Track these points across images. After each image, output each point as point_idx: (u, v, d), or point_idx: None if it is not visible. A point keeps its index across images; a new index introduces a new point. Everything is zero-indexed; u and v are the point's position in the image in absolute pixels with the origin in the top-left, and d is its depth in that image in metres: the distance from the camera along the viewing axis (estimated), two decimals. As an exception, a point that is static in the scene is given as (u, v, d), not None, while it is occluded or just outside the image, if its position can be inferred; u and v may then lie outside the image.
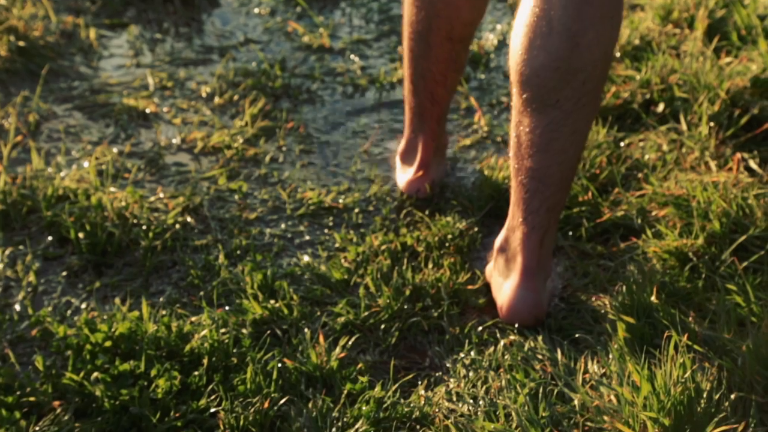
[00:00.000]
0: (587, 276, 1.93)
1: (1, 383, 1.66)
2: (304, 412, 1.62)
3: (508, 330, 1.80)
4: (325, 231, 2.09)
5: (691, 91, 2.34)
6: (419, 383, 1.71)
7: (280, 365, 1.70)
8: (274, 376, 1.67)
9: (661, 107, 2.36)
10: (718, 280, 1.82)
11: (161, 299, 1.90)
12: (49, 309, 1.87)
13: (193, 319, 1.81)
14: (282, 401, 1.65)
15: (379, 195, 2.18)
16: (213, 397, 1.65)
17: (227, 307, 1.86)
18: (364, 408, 1.63)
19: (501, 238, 1.86)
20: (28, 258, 1.99)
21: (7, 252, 2.01)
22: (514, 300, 1.81)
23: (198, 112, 2.49)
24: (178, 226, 2.07)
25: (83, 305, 1.89)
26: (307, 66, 2.70)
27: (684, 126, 2.27)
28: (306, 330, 1.79)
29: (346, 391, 1.67)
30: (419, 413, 1.62)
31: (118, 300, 1.88)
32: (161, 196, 2.16)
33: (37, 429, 1.60)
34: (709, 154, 2.18)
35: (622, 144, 2.27)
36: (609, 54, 1.72)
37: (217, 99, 2.53)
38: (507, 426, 1.56)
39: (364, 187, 2.22)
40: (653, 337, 1.68)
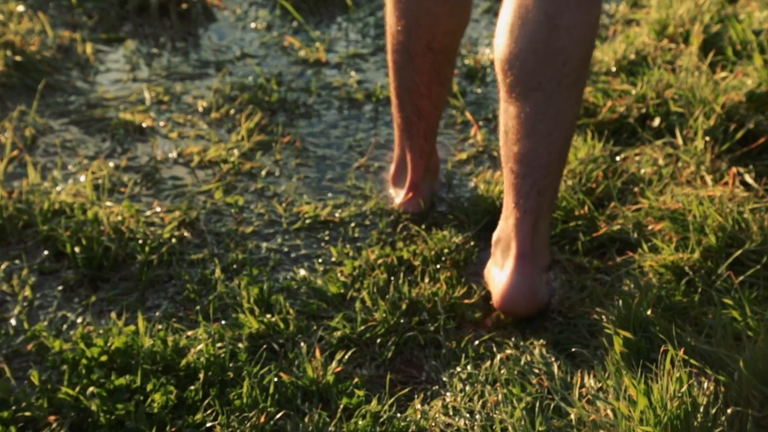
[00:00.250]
0: (584, 290, 1.93)
1: (-3, 398, 1.66)
2: (301, 427, 1.62)
3: (504, 344, 1.80)
4: (322, 245, 2.09)
5: (687, 105, 2.34)
6: (416, 397, 1.70)
7: (276, 379, 1.70)
8: (271, 391, 1.67)
9: (656, 121, 2.37)
10: (715, 294, 1.82)
11: (157, 313, 1.90)
12: (45, 323, 1.87)
13: (190, 333, 1.81)
14: (278, 416, 1.64)
15: (375, 209, 2.18)
16: (209, 411, 1.65)
17: (223, 322, 1.86)
18: (360, 422, 1.62)
19: (497, 231, 1.89)
20: (24, 272, 1.99)
21: (3, 266, 2.01)
22: (509, 286, 1.82)
23: (194, 127, 2.49)
24: (174, 240, 2.07)
25: (79, 319, 1.89)
26: (303, 80, 2.70)
27: (680, 140, 2.28)
28: (302, 344, 1.79)
29: (342, 406, 1.67)
30: (415, 427, 1.62)
31: (114, 314, 1.88)
32: (157, 210, 2.16)
33: (32, 444, 1.60)
34: (704, 168, 2.18)
35: (618, 158, 2.27)
36: (589, 36, 1.74)
37: (213, 113, 2.53)
38: (504, 440, 1.56)
39: (360, 201, 2.22)
40: (650, 351, 1.68)
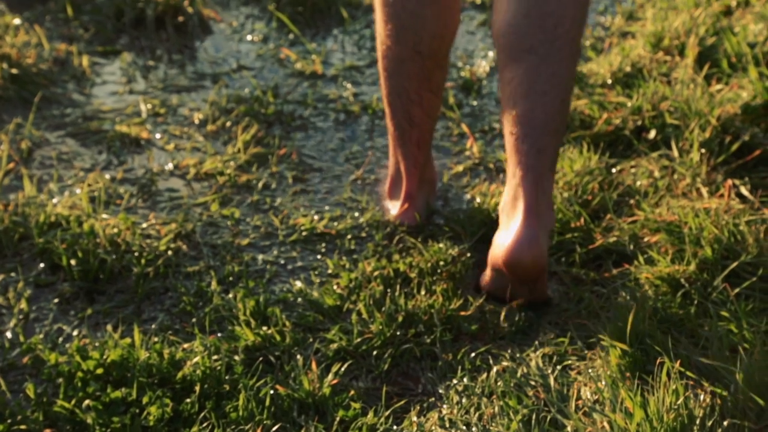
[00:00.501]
0: (580, 302, 1.93)
1: (-8, 411, 1.66)
2: (297, 440, 1.62)
3: (501, 356, 1.80)
4: (318, 257, 2.09)
5: (682, 117, 2.35)
6: (412, 409, 1.70)
7: (272, 392, 1.69)
8: (267, 403, 1.67)
9: (652, 134, 2.37)
10: (711, 306, 1.82)
11: (153, 326, 1.90)
12: (41, 336, 1.87)
13: (186, 345, 1.81)
14: (274, 428, 1.64)
15: (371, 221, 2.18)
16: (205, 424, 1.65)
17: (219, 334, 1.86)
18: (356, 435, 1.62)
19: (502, 199, 1.91)
20: (19, 285, 1.99)
21: (-2, 279, 2.01)
22: (516, 239, 1.82)
23: (190, 139, 2.50)
24: (170, 252, 2.07)
25: (75, 332, 1.89)
26: (299, 93, 2.71)
27: (675, 152, 2.28)
28: (298, 356, 1.78)
29: (338, 418, 1.66)
30: (412, 440, 1.62)
31: (110, 327, 1.88)
32: (153, 222, 2.16)
33: (27, 457, 1.59)
34: (700, 180, 2.19)
35: (614, 170, 2.27)
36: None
37: (209, 125, 2.53)
38: (500, 453, 1.56)
39: (356, 213, 2.22)
40: (646, 364, 1.68)
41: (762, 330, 1.73)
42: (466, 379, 1.74)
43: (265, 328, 1.85)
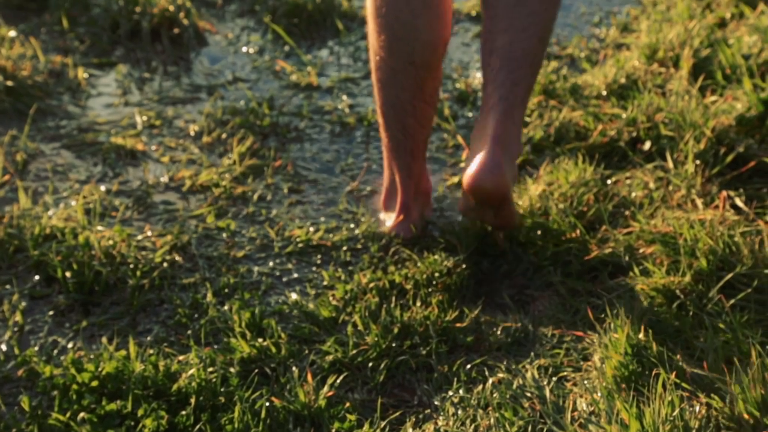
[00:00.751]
0: (576, 313, 1.93)
1: (-13, 423, 1.65)
2: (292, 452, 1.61)
3: (496, 368, 1.80)
4: (313, 269, 2.09)
5: (677, 129, 2.35)
6: (407, 421, 1.70)
7: (268, 404, 1.69)
8: (262, 416, 1.67)
9: (647, 145, 2.37)
10: (706, 317, 1.83)
11: (149, 338, 1.90)
12: (36, 349, 1.87)
13: (181, 358, 1.81)
14: (270, 441, 1.64)
15: (367, 233, 2.18)
16: (200, 436, 1.64)
17: (215, 346, 1.86)
18: (352, 447, 1.62)
19: (475, 125, 2.02)
20: (14, 297, 1.99)
21: (-7, 291, 2.01)
22: (479, 165, 1.90)
23: (186, 151, 2.50)
24: (165, 264, 2.07)
25: (70, 345, 1.88)
26: (295, 104, 2.71)
27: (670, 164, 2.29)
28: (294, 368, 1.78)
29: (334, 430, 1.66)
30: (408, 452, 1.62)
31: (105, 339, 1.87)
32: (149, 234, 2.16)
33: (22, 470, 1.59)
34: (695, 191, 2.19)
35: (609, 182, 2.28)
36: None
37: (205, 137, 2.54)
38: (496, 465, 1.56)
39: (352, 225, 2.22)
40: (641, 375, 1.68)
41: (757, 341, 1.73)
42: (461, 391, 1.74)
43: (260, 340, 1.85)
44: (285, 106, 2.70)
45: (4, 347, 1.87)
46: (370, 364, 1.82)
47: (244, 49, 3.01)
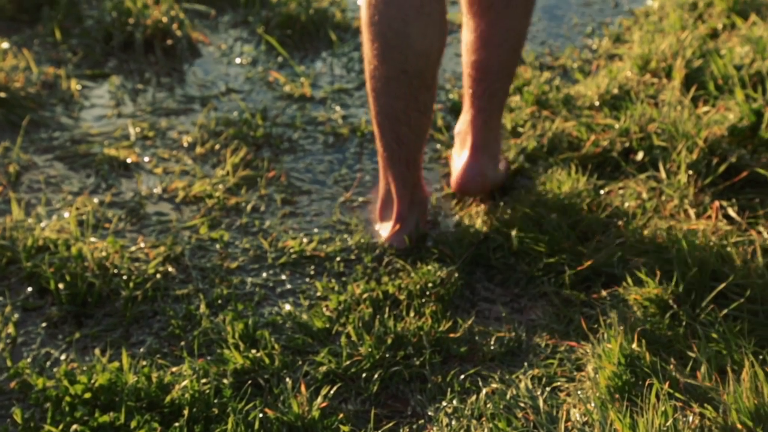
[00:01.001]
0: (570, 323, 1.93)
1: (-21, 436, 1.65)
2: (286, 463, 1.61)
3: (490, 378, 1.80)
4: (307, 280, 2.09)
5: (670, 139, 2.36)
6: (401, 433, 1.70)
7: (261, 415, 1.69)
8: (256, 427, 1.66)
9: (640, 155, 2.38)
10: (699, 327, 1.83)
11: (142, 350, 1.89)
12: (29, 360, 1.86)
13: (174, 369, 1.80)
14: (263, 452, 1.64)
15: (360, 243, 2.18)
16: (194, 448, 1.64)
17: (208, 357, 1.86)
18: (346, 458, 1.62)
19: (457, 125, 2.33)
20: (7, 309, 1.98)
21: (-14, 303, 2.00)
22: (463, 172, 2.23)
23: (179, 162, 2.50)
24: (158, 275, 2.07)
25: (63, 356, 1.88)
26: (288, 115, 2.71)
27: (663, 174, 2.29)
28: (287, 379, 1.78)
29: (327, 442, 1.66)
30: (401, 463, 1.62)
31: (98, 351, 1.87)
32: (142, 245, 2.15)
33: (15, 482, 1.58)
34: (688, 202, 2.19)
35: (602, 192, 2.28)
36: None
37: (198, 148, 2.54)
38: (490, 475, 1.56)
39: (345, 235, 2.22)
40: (635, 385, 1.68)
41: (750, 351, 1.73)
42: (455, 401, 1.74)
43: (254, 351, 1.85)
44: (278, 117, 2.70)
45: (-4, 359, 1.87)
46: (364, 375, 1.82)
47: (238, 60, 3.01)
